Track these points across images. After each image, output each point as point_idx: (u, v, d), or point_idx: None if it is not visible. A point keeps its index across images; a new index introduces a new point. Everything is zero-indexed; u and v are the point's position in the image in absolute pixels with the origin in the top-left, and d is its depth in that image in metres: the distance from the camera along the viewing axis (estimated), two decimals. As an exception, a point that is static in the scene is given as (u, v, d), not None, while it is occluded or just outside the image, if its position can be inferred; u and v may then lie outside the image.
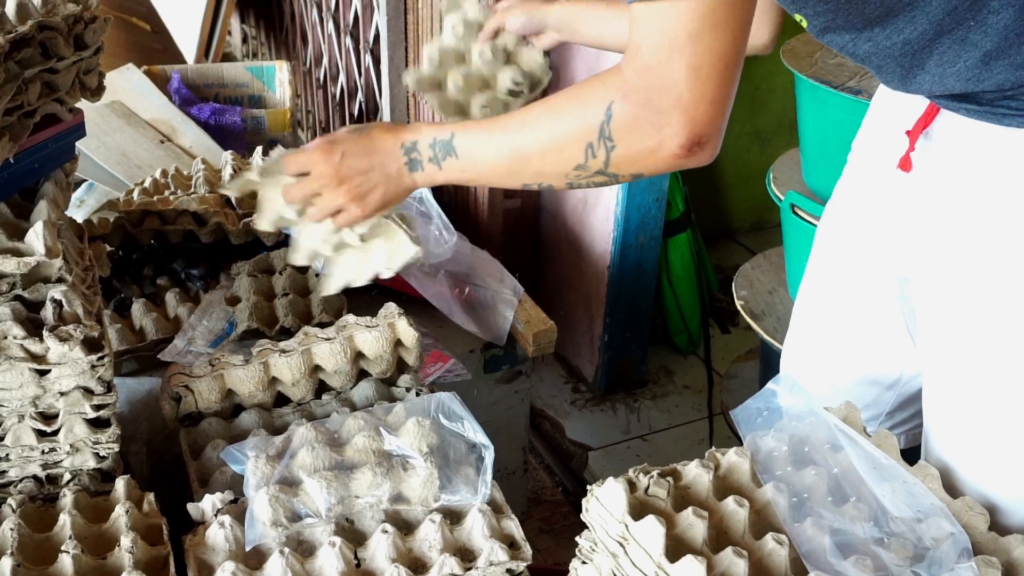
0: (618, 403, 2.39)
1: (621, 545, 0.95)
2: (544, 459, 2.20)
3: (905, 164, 1.08)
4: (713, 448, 1.09)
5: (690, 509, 0.95)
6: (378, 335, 1.30)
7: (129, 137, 2.32)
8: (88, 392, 1.11)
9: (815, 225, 1.80)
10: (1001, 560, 0.95)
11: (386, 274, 1.20)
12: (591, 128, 0.94)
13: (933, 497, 1.01)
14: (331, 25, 2.96)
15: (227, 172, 1.83)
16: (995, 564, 0.93)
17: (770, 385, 1.13)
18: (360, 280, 1.21)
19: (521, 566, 1.08)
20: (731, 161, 2.94)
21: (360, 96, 2.93)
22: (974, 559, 0.93)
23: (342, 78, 3.03)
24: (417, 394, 1.33)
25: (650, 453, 2.21)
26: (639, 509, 0.96)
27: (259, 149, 1.93)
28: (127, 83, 2.55)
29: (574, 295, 2.38)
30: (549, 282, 2.48)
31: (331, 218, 1.14)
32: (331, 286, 1.22)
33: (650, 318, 2.38)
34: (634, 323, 2.33)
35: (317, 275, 1.65)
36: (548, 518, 1.98)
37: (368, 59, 2.78)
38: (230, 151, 1.91)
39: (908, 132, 1.07)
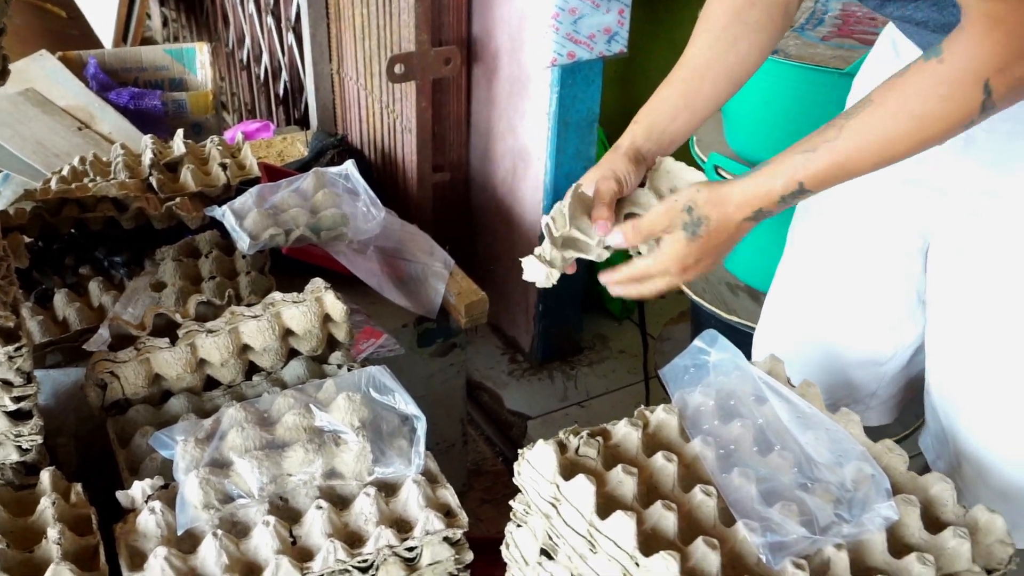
0: (555, 371, 2.40)
1: (553, 506, 0.96)
2: (484, 430, 2.21)
3: None
4: (642, 406, 1.10)
5: (619, 467, 0.96)
6: (306, 310, 1.28)
7: (45, 125, 2.25)
8: (7, 384, 1.07)
9: (738, 185, 1.82)
10: (920, 498, 0.98)
11: None
12: (970, 111, 0.88)
13: (854, 442, 1.03)
14: (252, 5, 2.90)
15: (147, 157, 1.78)
16: (914, 502, 0.96)
17: (696, 342, 1.14)
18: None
19: (458, 533, 1.08)
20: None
21: (284, 76, 2.88)
22: (894, 498, 0.95)
23: (265, 58, 2.97)
24: (349, 370, 1.32)
25: (588, 419, 2.23)
26: (570, 469, 0.97)
27: (180, 132, 1.89)
28: (41, 70, 2.48)
29: (507, 266, 2.38)
30: (482, 254, 2.47)
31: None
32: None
33: (584, 286, 2.39)
34: (568, 291, 2.34)
35: (244, 256, 1.63)
36: (490, 488, 1.99)
37: (291, 38, 2.74)
38: (150, 135, 1.87)
39: None
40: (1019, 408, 1.11)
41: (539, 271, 1.09)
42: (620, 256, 1.15)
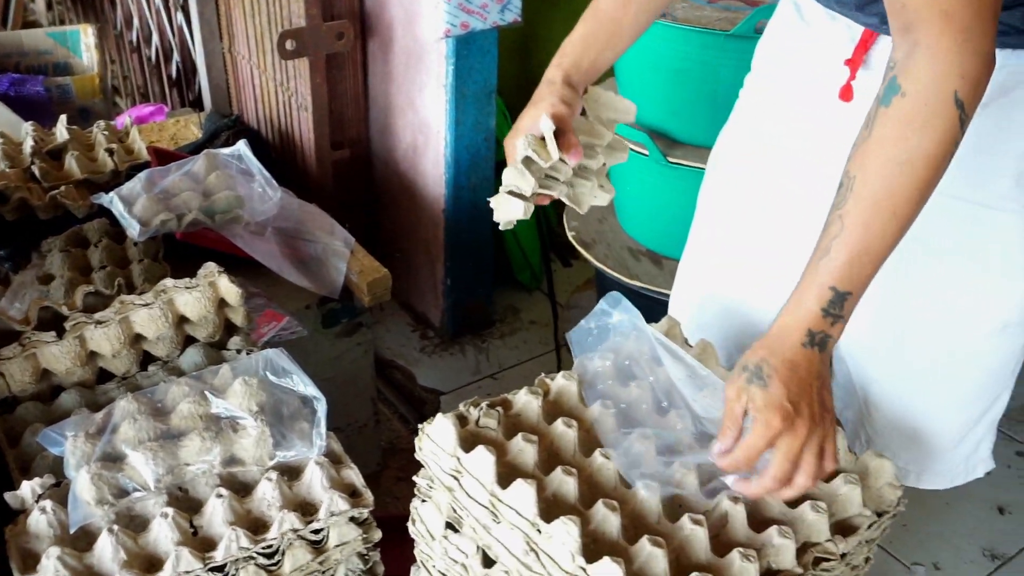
0: (467, 345, 2.40)
1: (456, 478, 0.96)
2: (397, 408, 2.19)
3: (846, 94, 1.09)
4: (543, 374, 1.10)
5: (520, 435, 0.96)
6: (199, 295, 1.25)
7: (-82, 116, 2.14)
8: None
9: (633, 150, 1.83)
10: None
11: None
12: (952, 131, 0.87)
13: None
14: (136, -17, 2.80)
15: (28, 145, 1.71)
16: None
17: (601, 304, 1.14)
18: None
19: (364, 513, 1.07)
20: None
21: (176, 56, 2.80)
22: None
23: (155, 39, 2.88)
24: (248, 355, 1.29)
25: (502, 391, 2.19)
26: (471, 442, 0.96)
27: (63, 118, 1.81)
28: (-88, 58, 2.35)
29: (413, 241, 2.37)
30: (387, 230, 2.45)
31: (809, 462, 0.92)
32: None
33: (492, 258, 2.39)
34: (476, 264, 2.33)
35: (136, 244, 1.58)
36: (405, 466, 1.98)
37: (180, 17, 2.66)
38: (31, 122, 1.79)
39: (848, 62, 1.08)
40: (926, 357, 1.14)
41: (517, 207, 1.04)
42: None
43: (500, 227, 1.09)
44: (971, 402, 1.16)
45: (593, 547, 0.87)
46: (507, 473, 0.94)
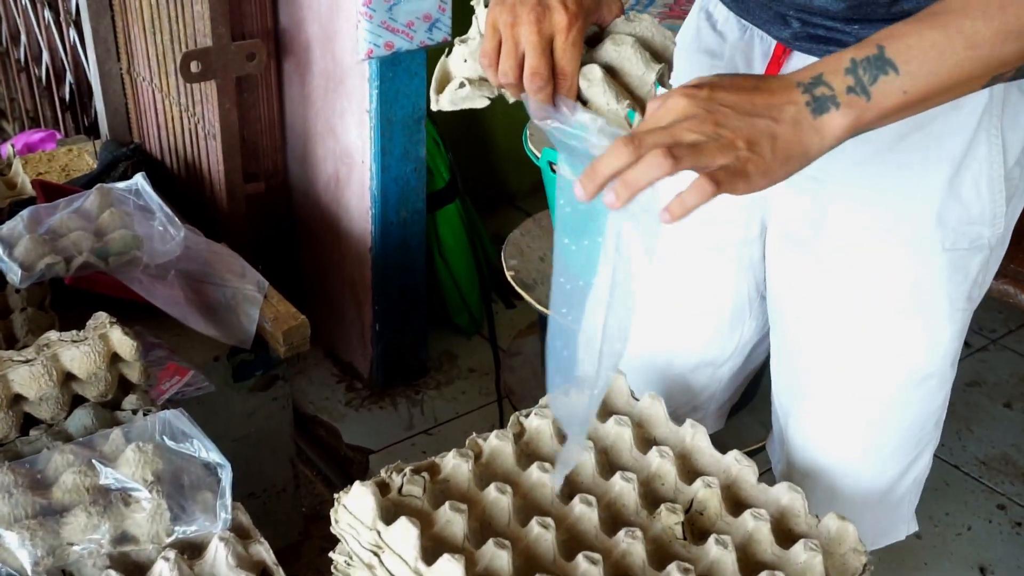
0: (399, 397, 2.39)
1: (376, 554, 0.95)
2: (320, 469, 2.17)
3: None
4: (474, 434, 1.10)
5: (447, 504, 0.96)
6: (88, 350, 1.23)
7: None
8: None
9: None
10: (772, 510, 1.01)
11: None
12: None
13: (705, 454, 1.06)
14: (23, -4, 2.78)
15: None
16: (764, 516, 0.99)
17: None
18: None
19: (276, 595, 1.05)
20: (501, 121, 2.97)
21: (70, 76, 2.77)
22: (746, 512, 0.99)
23: (46, 57, 2.85)
24: (145, 415, 1.27)
25: (437, 448, 2.22)
26: (393, 512, 0.96)
27: None
28: None
29: (338, 283, 2.36)
30: (308, 272, 2.44)
31: (706, 182, 0.79)
32: None
33: (425, 299, 2.39)
34: (407, 306, 2.33)
35: (17, 291, 1.55)
36: (330, 535, 1.95)
37: (73, 33, 2.63)
38: (-101, 154, 1.76)
39: None
40: (844, 406, 1.17)
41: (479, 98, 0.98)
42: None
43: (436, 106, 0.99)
44: (890, 457, 1.19)
45: (529, 628, 0.87)
46: (433, 547, 0.93)
